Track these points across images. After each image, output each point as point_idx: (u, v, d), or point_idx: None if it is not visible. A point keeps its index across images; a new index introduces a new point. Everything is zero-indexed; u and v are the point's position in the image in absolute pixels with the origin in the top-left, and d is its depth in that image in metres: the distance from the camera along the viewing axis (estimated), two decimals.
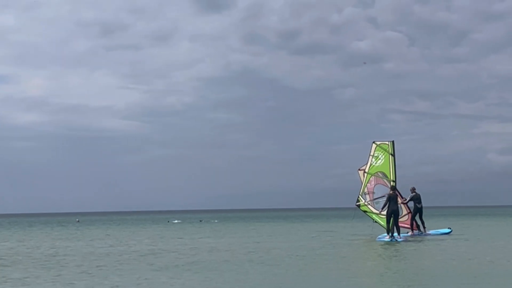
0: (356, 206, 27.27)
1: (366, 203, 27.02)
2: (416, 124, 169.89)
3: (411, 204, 29.37)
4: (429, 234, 29.24)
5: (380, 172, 26.64)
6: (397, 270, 16.46)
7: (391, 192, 25.86)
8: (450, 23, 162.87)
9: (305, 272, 15.86)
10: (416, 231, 29.24)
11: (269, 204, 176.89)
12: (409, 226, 29.28)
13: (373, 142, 27.30)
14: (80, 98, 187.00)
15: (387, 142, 26.93)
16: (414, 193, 29.26)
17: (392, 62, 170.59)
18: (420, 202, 29.29)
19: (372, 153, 27.14)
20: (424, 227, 29.66)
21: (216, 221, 68.47)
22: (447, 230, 30.49)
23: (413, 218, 29.27)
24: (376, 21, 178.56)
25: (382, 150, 26.95)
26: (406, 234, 28.54)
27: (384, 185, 29.20)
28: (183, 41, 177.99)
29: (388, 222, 25.55)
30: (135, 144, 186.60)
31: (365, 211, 27.13)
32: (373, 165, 27.05)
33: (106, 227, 52.60)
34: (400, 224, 28.36)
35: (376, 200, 26.75)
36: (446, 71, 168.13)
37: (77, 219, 79.82)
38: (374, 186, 29.45)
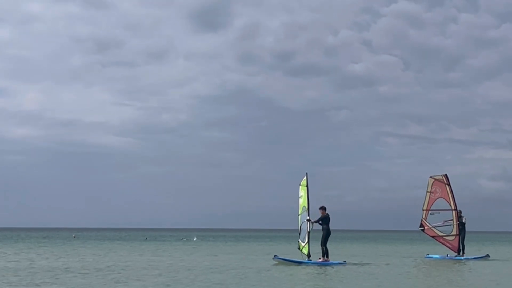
0: (299, 250, 25.88)
1: (300, 241, 25.68)
2: (409, 147, 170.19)
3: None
4: (468, 259, 29.65)
5: (304, 207, 25.61)
6: None
7: (323, 211, 25.25)
8: (444, 48, 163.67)
9: None
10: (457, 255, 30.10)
11: (260, 225, 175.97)
12: (453, 247, 30.13)
13: (299, 184, 26.14)
14: (74, 114, 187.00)
15: (304, 178, 25.91)
16: (464, 217, 30.17)
17: (386, 85, 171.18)
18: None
19: (300, 195, 26.04)
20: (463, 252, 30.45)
21: (195, 239, 68.58)
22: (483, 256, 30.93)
23: (462, 241, 30.05)
24: (371, 44, 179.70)
25: (303, 187, 25.92)
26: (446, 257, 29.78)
27: (447, 201, 30.21)
28: (178, 59, 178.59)
29: (325, 243, 25.10)
30: (128, 161, 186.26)
31: (300, 250, 25.67)
32: (300, 204, 25.94)
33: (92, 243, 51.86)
34: (447, 244, 30.22)
35: (303, 233, 25.44)
36: (440, 96, 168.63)
37: (73, 235, 79.20)
38: (435, 200, 30.45)
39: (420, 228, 30.87)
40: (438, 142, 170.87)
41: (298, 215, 25.99)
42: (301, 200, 25.90)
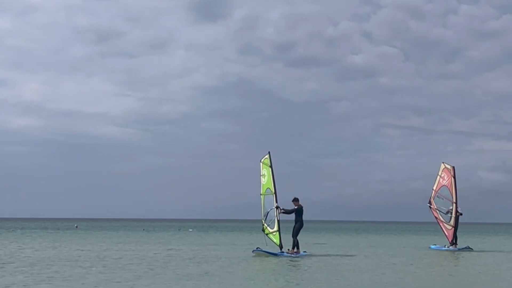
0: (262, 231, 25.27)
1: (265, 223, 24.93)
2: (410, 139, 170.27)
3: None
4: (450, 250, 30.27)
5: (267, 188, 24.68)
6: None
7: (296, 203, 24.54)
8: (445, 40, 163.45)
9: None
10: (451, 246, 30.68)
11: (260, 216, 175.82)
12: (448, 236, 30.85)
13: (260, 161, 25.32)
14: (75, 104, 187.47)
15: (267, 156, 24.97)
16: (459, 208, 30.75)
17: (387, 77, 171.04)
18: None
19: (261, 173, 25.17)
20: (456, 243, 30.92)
21: (191, 230, 68.84)
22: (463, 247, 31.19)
23: (455, 233, 30.75)
24: (372, 36, 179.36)
25: (265, 166, 24.83)
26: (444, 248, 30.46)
27: (450, 191, 30.77)
28: (179, 50, 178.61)
29: (296, 235, 24.53)
30: (129, 151, 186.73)
31: (266, 234, 24.99)
32: (263, 184, 25.06)
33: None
34: (444, 231, 30.89)
35: (270, 219, 24.64)
36: (441, 88, 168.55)
37: (75, 225, 79.52)
38: (440, 188, 31.35)
39: (428, 204, 31.78)
40: (439, 133, 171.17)
41: (261, 194, 25.19)
42: (263, 179, 25.07)
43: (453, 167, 31.21)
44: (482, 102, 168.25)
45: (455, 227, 30.58)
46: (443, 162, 31.88)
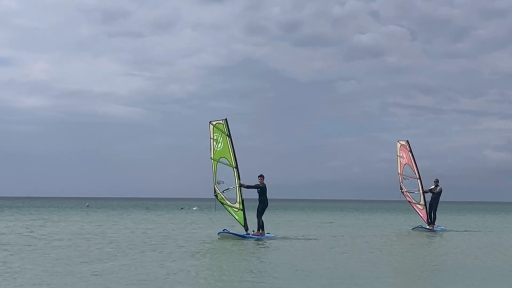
0: (214, 197, 23.42)
1: (221, 193, 23.22)
2: (417, 118, 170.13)
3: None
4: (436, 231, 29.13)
5: (223, 158, 23.10)
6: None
7: (261, 179, 22.99)
8: (452, 19, 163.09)
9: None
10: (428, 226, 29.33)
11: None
12: (423, 216, 29.50)
13: (210, 123, 23.53)
14: (83, 84, 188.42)
15: (221, 121, 23.27)
16: (439, 186, 29.29)
17: (393, 56, 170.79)
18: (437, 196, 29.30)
19: (211, 136, 23.41)
20: (433, 223, 29.44)
21: (195, 208, 69.47)
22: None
23: (434, 212, 29.31)
24: (378, 15, 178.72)
25: (219, 131, 23.24)
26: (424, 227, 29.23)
27: (411, 168, 29.66)
28: (185, 29, 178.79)
29: (260, 216, 23.10)
30: (136, 131, 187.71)
31: (222, 203, 23.43)
32: (217, 150, 23.27)
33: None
34: (418, 212, 29.58)
35: (227, 191, 23.06)
36: (448, 67, 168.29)
37: (87, 204, 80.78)
38: (404, 165, 30.00)
39: (400, 190, 30.30)
40: (446, 113, 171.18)
41: (211, 159, 23.39)
42: (216, 144, 23.34)
43: (407, 141, 30.06)
44: (489, 81, 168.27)
45: (430, 205, 29.18)
46: (398, 141, 30.63)
